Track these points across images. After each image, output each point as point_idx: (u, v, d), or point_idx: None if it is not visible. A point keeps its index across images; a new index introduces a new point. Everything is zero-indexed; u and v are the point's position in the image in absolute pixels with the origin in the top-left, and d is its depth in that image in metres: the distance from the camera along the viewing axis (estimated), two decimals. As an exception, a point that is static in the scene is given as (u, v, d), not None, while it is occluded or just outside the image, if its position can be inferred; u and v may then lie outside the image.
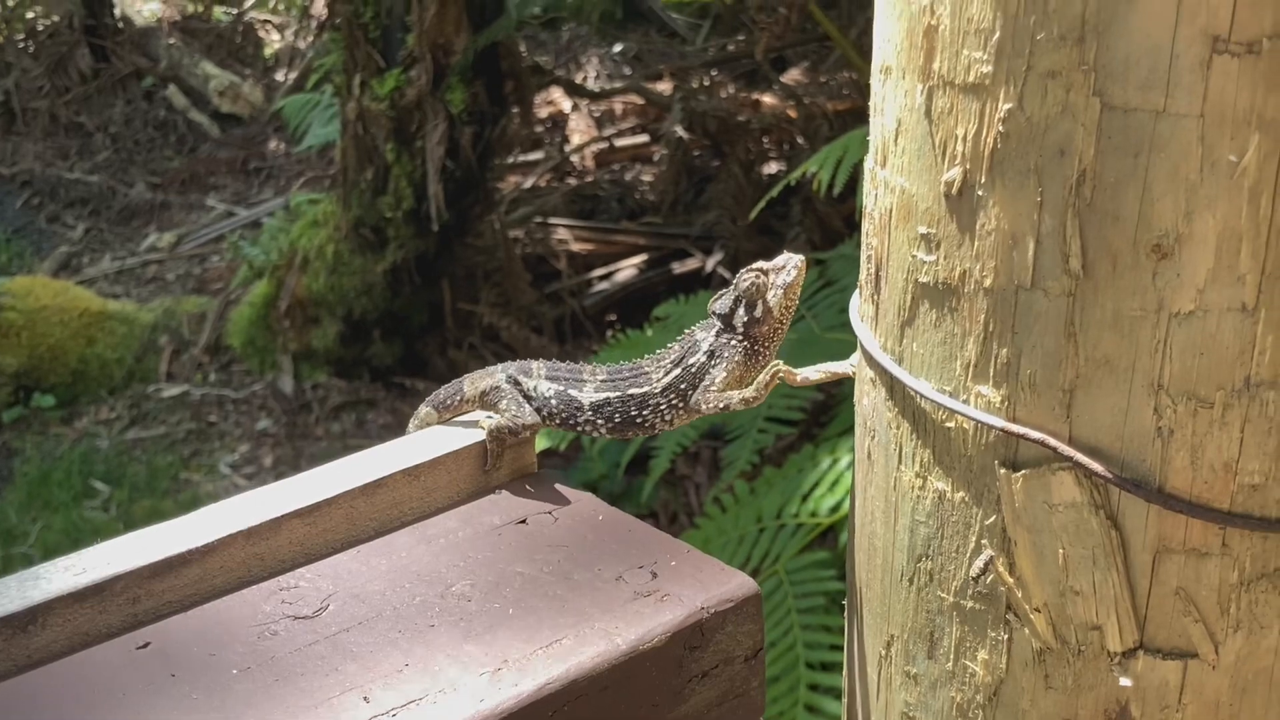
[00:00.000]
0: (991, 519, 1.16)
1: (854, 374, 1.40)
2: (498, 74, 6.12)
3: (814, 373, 1.46)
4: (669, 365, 1.44)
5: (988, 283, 1.11)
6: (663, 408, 1.43)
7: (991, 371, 1.13)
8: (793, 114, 6.65)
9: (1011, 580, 1.16)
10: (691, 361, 1.42)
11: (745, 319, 1.41)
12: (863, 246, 1.27)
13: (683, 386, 1.41)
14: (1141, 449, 1.09)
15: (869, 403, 1.28)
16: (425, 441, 1.41)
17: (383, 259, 6.22)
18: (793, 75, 7.44)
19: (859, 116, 5.64)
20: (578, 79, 7.81)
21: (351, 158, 6.18)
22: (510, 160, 7.12)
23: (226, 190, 8.16)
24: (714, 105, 6.58)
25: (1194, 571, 1.11)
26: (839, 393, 4.61)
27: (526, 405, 1.43)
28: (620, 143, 7.49)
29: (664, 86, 7.58)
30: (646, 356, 1.47)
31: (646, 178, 7.27)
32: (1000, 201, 1.09)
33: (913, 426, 1.21)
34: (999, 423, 1.12)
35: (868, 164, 1.26)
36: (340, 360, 6.40)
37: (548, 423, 1.46)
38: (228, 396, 6.37)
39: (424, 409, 1.50)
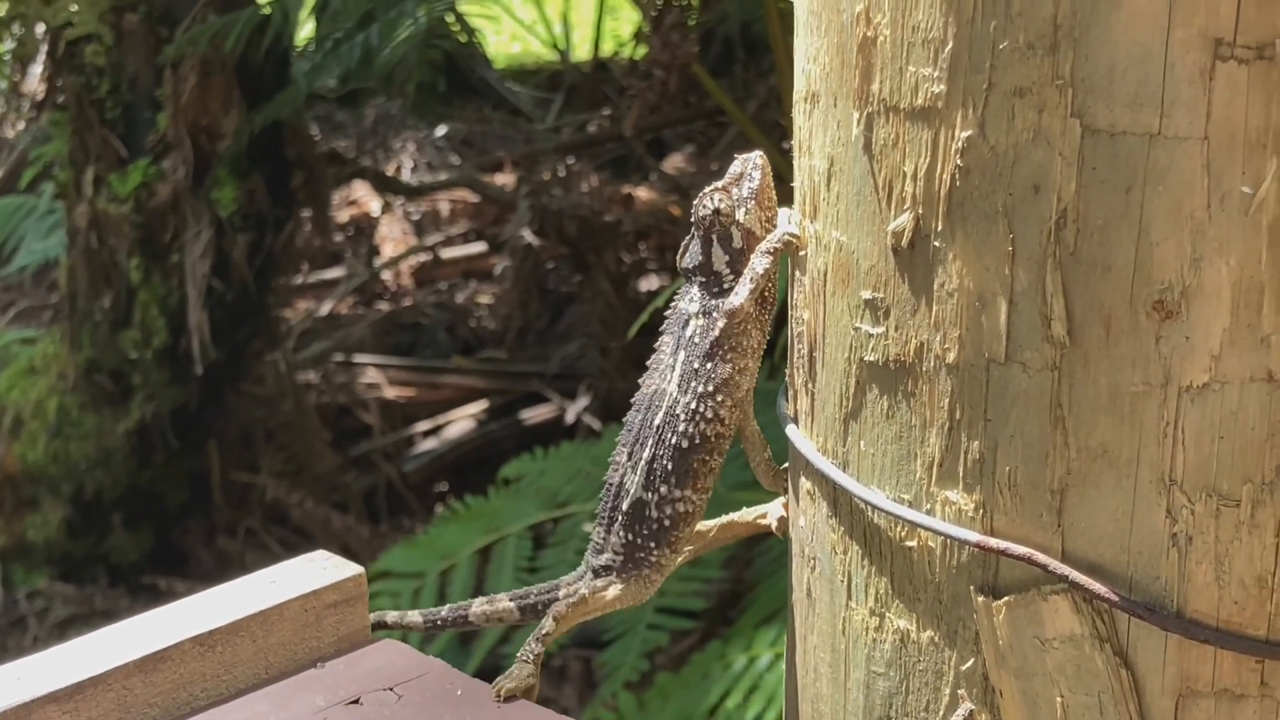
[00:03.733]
0: (969, 663, 1.22)
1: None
2: (282, 164, 6.17)
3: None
4: (668, 358, 1.50)
5: (951, 357, 1.19)
6: (695, 407, 1.47)
7: (961, 471, 1.20)
8: (676, 211, 6.79)
9: (998, 741, 1.22)
10: (690, 333, 1.48)
11: (727, 257, 1.47)
12: (790, 323, 1.35)
13: (695, 365, 1.47)
14: (1153, 562, 1.16)
15: (806, 524, 1.34)
16: (219, 601, 1.44)
17: (126, 416, 6.18)
18: (675, 162, 7.62)
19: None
20: (389, 170, 7.91)
21: (82, 280, 6.17)
22: (300, 280, 7.16)
23: (-96, 330, 8.06)
24: (572, 202, 6.69)
25: (1228, 719, 1.18)
26: (751, 574, 4.68)
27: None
28: (448, 253, 7.57)
29: (505, 179, 7.71)
30: (642, 382, 1.53)
31: (484, 299, 7.35)
32: (962, 254, 1.17)
33: (864, 550, 1.27)
34: (973, 536, 1.19)
35: (793, 217, 1.34)
36: (67, 557, 6.31)
37: (664, 566, 1.54)
38: (-93, 612, 6.23)
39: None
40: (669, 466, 1.49)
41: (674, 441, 1.48)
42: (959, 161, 1.16)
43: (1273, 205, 1.09)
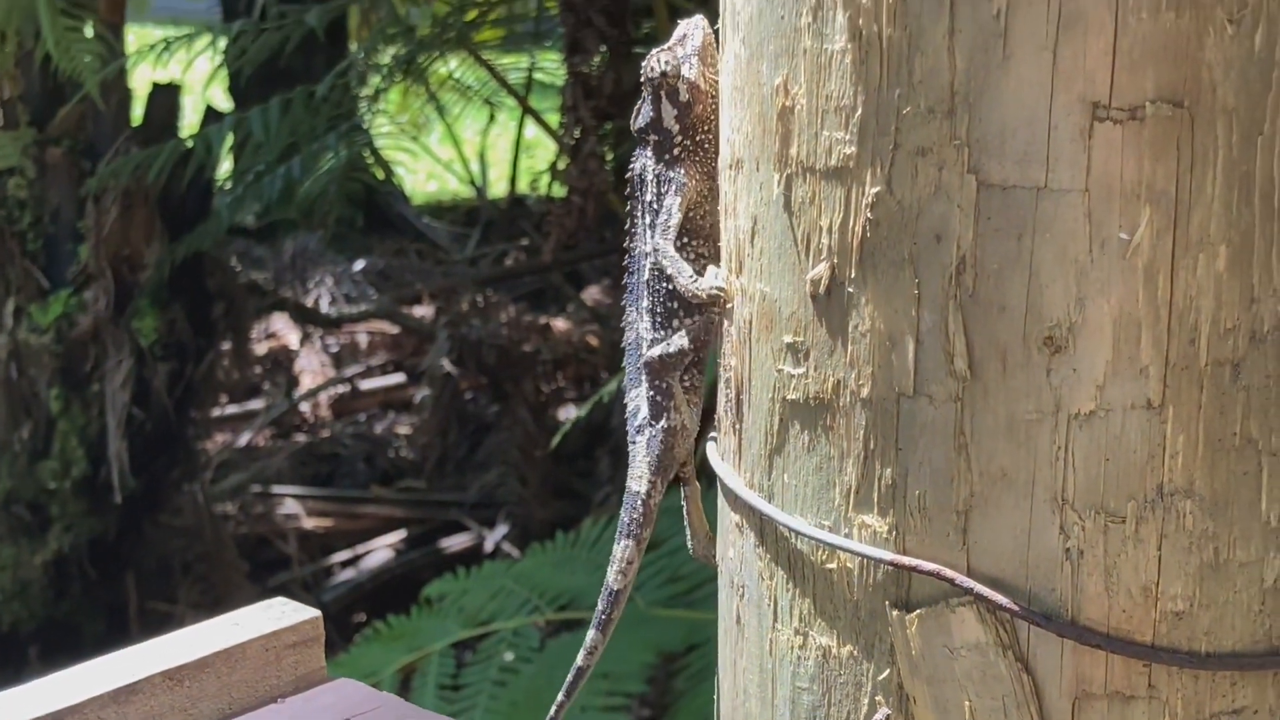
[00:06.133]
0: (885, 673, 1.35)
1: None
2: (204, 294, 6.27)
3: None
4: (641, 220, 1.59)
5: (865, 392, 1.32)
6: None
7: (876, 497, 1.33)
8: (594, 342, 6.93)
9: (913, 744, 1.34)
10: (648, 198, 1.58)
11: (675, 112, 1.57)
12: (720, 370, 1.48)
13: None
14: (1049, 575, 1.29)
15: (735, 555, 1.47)
16: (187, 640, 1.54)
17: (44, 547, 6.20)
18: (593, 294, 7.77)
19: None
20: (307, 303, 8.01)
21: (1, 410, 6.21)
22: (219, 411, 7.23)
23: None
24: (491, 332, 6.82)
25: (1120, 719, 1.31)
26: (672, 693, 4.77)
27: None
28: (367, 385, 7.67)
29: (424, 311, 7.83)
30: (628, 248, 1.62)
31: (403, 430, 7.44)
32: (873, 298, 1.31)
33: (788, 574, 1.40)
34: (887, 555, 1.32)
35: (720, 274, 1.48)
36: (-19, 691, 6.29)
37: (698, 388, 1.59)
38: None
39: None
40: (674, 305, 1.56)
41: (669, 288, 1.56)
42: (869, 215, 1.30)
43: (1146, 249, 1.24)
